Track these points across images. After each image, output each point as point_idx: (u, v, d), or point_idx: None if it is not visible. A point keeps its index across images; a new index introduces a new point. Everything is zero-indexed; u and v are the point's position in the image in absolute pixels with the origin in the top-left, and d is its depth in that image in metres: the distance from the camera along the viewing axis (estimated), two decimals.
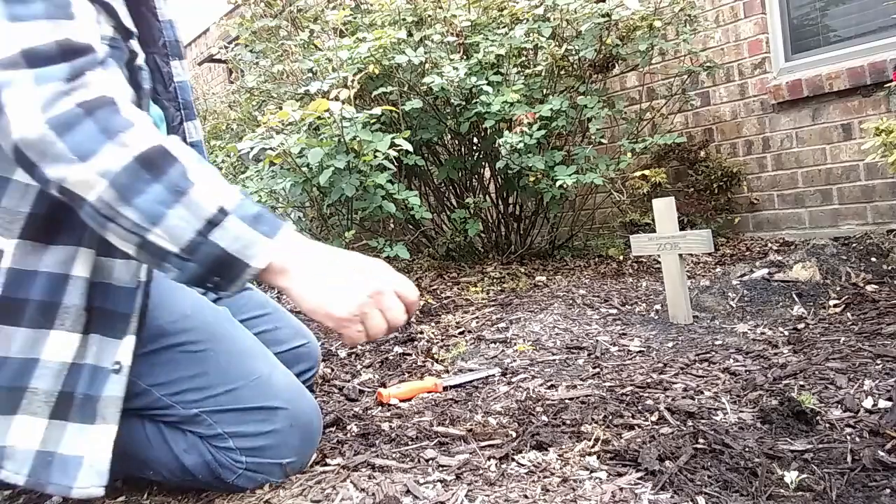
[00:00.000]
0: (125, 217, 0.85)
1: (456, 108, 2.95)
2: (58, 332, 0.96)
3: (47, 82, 0.83)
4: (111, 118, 0.85)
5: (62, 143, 0.83)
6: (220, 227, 0.87)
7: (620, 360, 1.62)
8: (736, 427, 1.12)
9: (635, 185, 3.00)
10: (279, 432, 1.05)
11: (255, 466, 1.04)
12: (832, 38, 3.26)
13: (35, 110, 0.83)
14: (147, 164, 0.85)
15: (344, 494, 0.97)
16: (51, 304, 0.95)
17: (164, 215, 0.85)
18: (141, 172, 0.85)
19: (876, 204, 3.07)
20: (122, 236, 0.87)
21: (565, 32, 2.98)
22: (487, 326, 2.11)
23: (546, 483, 0.95)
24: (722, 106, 3.58)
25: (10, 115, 0.82)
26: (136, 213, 0.84)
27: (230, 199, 0.89)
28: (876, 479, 0.91)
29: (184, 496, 1.09)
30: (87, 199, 0.84)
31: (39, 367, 0.95)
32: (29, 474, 0.94)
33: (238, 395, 1.05)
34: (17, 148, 0.83)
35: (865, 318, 1.74)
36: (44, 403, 0.95)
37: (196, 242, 0.86)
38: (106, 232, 0.88)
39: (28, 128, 0.82)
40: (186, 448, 1.03)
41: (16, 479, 0.94)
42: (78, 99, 0.84)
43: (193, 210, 0.86)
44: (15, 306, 0.93)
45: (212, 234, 0.86)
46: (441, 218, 3.45)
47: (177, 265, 0.87)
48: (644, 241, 2.02)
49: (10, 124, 0.83)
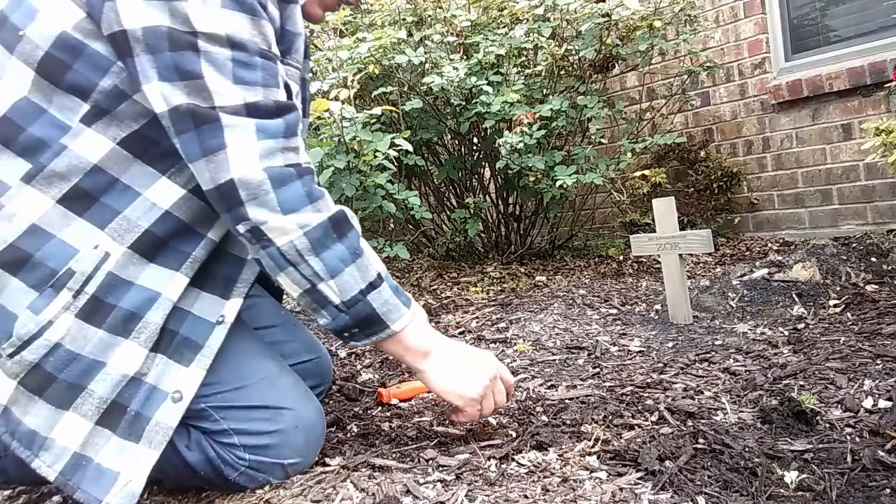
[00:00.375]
0: (309, 265, 0.99)
1: (456, 108, 2.94)
2: (131, 343, 0.99)
3: (267, 136, 0.97)
4: (312, 186, 1.01)
5: (273, 194, 0.97)
6: (377, 291, 1.03)
7: (620, 360, 1.62)
8: (736, 427, 1.12)
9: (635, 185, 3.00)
10: (284, 432, 1.06)
11: (257, 465, 1.04)
12: (832, 38, 3.26)
13: (256, 157, 0.96)
14: (335, 226, 1.01)
15: (344, 494, 0.98)
16: (133, 316, 0.99)
17: (342, 272, 1.01)
18: (330, 232, 1.00)
19: (876, 204, 3.07)
20: (295, 280, 1.01)
21: (565, 32, 2.98)
22: (487, 326, 2.11)
23: (546, 483, 0.95)
24: (722, 106, 3.58)
25: (231, 155, 0.95)
26: (320, 264, 0.99)
27: (383, 268, 1.07)
28: (876, 479, 0.91)
29: (184, 496, 1.09)
30: (276, 243, 0.98)
31: (103, 372, 0.97)
32: (61, 472, 0.96)
33: (245, 392, 1.06)
34: (231, 183, 0.95)
35: (865, 318, 1.74)
36: (95, 408, 0.97)
37: (356, 299, 1.02)
38: (279, 273, 1.01)
39: (249, 171, 0.95)
40: (189, 444, 1.04)
41: (47, 472, 0.96)
42: (290, 160, 0.99)
43: (362, 272, 1.02)
44: (102, 309, 0.98)
45: (370, 294, 1.02)
46: (441, 218, 3.45)
47: (332, 314, 1.03)
48: (644, 241, 2.02)
49: (231, 163, 0.95)
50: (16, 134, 0.98)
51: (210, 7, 0.95)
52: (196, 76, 0.94)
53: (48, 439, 0.96)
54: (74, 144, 0.98)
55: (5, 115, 0.98)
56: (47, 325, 0.95)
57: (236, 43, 0.96)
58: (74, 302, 0.96)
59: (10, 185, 0.98)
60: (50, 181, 0.98)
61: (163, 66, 0.93)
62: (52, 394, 0.96)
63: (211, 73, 0.94)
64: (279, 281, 1.02)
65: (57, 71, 0.97)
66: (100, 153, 0.99)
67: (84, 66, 0.97)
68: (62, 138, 0.98)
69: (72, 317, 0.96)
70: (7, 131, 0.98)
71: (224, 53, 0.95)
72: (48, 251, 0.97)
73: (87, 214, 0.99)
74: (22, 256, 0.97)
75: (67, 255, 0.97)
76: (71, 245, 0.98)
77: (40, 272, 0.97)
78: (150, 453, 0.99)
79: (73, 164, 0.98)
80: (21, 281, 0.97)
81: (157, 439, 0.99)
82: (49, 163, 0.97)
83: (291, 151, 1.00)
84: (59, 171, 0.98)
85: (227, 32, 0.95)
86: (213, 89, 0.94)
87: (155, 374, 1.00)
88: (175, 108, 0.94)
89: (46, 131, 0.98)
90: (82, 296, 0.96)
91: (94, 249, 0.98)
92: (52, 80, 0.98)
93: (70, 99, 0.98)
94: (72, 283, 0.96)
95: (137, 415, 0.99)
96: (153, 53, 0.93)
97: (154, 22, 0.93)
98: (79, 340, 0.96)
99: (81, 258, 0.97)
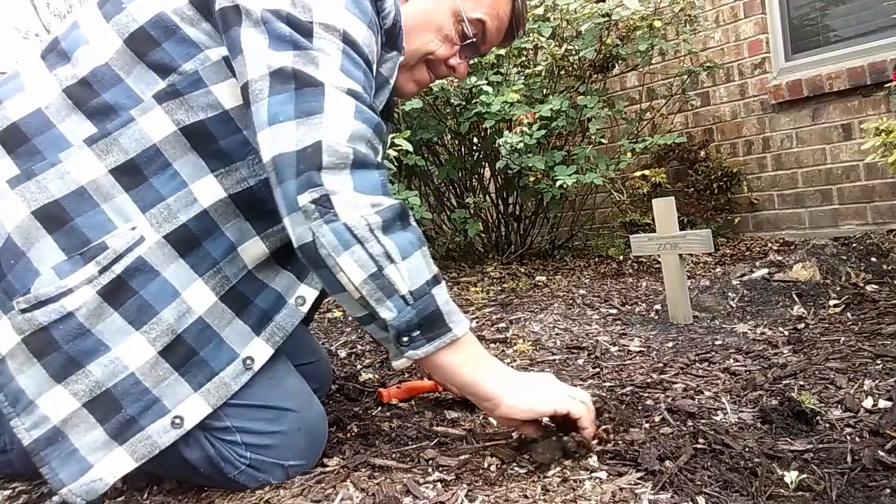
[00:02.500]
0: (379, 244, 0.92)
1: (456, 108, 2.95)
2: (140, 336, 0.98)
3: (363, 120, 0.95)
4: (386, 183, 0.97)
5: (352, 172, 0.92)
6: (440, 286, 0.96)
7: (620, 360, 1.62)
8: (736, 427, 1.12)
9: (635, 185, 3.00)
10: (286, 433, 1.06)
11: (257, 464, 1.04)
12: (832, 39, 3.26)
13: (349, 132, 0.93)
14: (403, 216, 0.96)
15: (344, 494, 0.97)
16: (149, 309, 0.99)
17: (412, 255, 0.94)
18: (399, 218, 0.95)
19: (876, 204, 3.07)
20: (360, 260, 0.91)
21: (565, 32, 2.98)
22: (487, 326, 2.11)
23: (546, 483, 0.95)
24: (722, 106, 3.58)
25: (326, 121, 0.92)
26: (392, 244, 0.92)
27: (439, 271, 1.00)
28: (876, 479, 0.91)
29: (184, 496, 1.09)
30: (341, 216, 0.90)
31: (105, 357, 0.97)
32: (35, 440, 0.96)
33: (250, 391, 1.06)
34: (318, 145, 0.91)
35: (865, 318, 1.74)
36: (88, 390, 0.97)
37: (423, 290, 0.93)
38: (341, 252, 0.91)
39: (340, 141, 0.92)
40: (187, 441, 1.03)
41: (23, 434, 0.96)
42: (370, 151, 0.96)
43: (427, 262, 0.96)
44: (123, 291, 0.98)
45: (435, 288, 0.95)
46: (441, 218, 3.45)
47: (397, 306, 0.93)
48: (644, 241, 2.02)
49: (325, 128, 0.91)
50: (90, 97, 1.01)
51: (334, 4, 0.98)
52: (307, 48, 0.95)
53: (33, 403, 0.96)
54: (142, 119, 1.00)
55: (84, 79, 1.01)
56: (66, 293, 0.95)
57: (350, 40, 0.98)
58: (99, 278, 0.96)
59: (73, 144, 1.00)
60: (109, 149, 1.00)
61: (275, 35, 0.94)
62: (50, 361, 0.96)
63: (322, 53, 0.95)
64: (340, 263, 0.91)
65: (145, 46, 1.01)
66: (161, 133, 1.00)
67: (172, 46, 1.00)
68: (132, 109, 1.00)
69: (93, 291, 0.96)
70: (82, 93, 1.01)
71: (337, 44, 0.97)
72: (88, 219, 0.98)
73: (133, 192, 1.00)
74: (62, 217, 0.98)
75: (105, 229, 0.98)
76: (111, 219, 0.99)
77: (75, 238, 0.98)
78: (128, 461, 0.98)
79: (135, 137, 1.00)
80: (55, 241, 0.98)
81: (141, 451, 0.98)
82: (114, 130, 1.00)
83: (373, 149, 0.97)
84: (120, 141, 1.00)
85: (344, 28, 0.98)
86: (321, 64, 0.95)
87: (161, 386, 0.99)
88: (279, 70, 0.93)
89: (119, 99, 1.01)
90: (108, 273, 0.97)
91: (132, 230, 0.99)
92: (139, 53, 1.01)
93: (149, 73, 1.01)
94: (101, 258, 0.97)
95: (131, 420, 0.98)
96: (267, 24, 0.95)
97: (275, 5, 0.96)
98: (92, 318, 0.96)
99: (117, 235, 0.98)
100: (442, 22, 1.19)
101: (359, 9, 1.00)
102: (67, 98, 1.02)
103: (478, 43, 1.23)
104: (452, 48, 1.22)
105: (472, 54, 1.26)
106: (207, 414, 1.01)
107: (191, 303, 1.01)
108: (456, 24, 1.20)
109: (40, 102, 1.02)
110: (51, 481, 0.96)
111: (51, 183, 0.99)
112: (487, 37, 1.24)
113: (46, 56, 1.06)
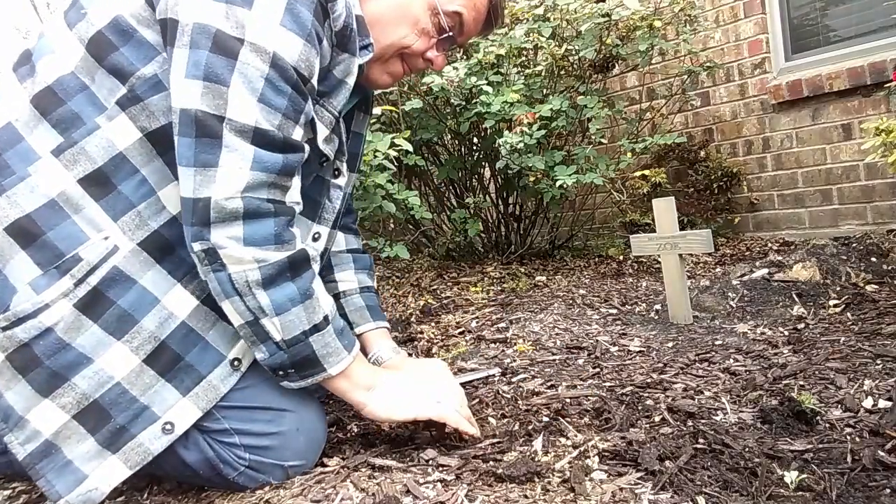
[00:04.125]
0: (255, 299, 0.97)
1: (456, 108, 2.94)
2: (122, 346, 0.98)
3: (261, 168, 0.96)
4: (285, 228, 0.99)
5: (242, 224, 0.95)
6: (320, 333, 1.02)
7: (620, 360, 1.62)
8: (736, 427, 1.12)
9: (635, 185, 3.00)
10: (285, 434, 1.06)
11: (257, 465, 1.04)
12: (832, 39, 3.26)
13: (241, 186, 0.94)
14: (292, 266, 0.99)
15: (344, 494, 0.97)
16: (129, 318, 0.99)
17: (288, 311, 0.99)
18: (286, 271, 0.99)
19: (876, 204, 3.07)
20: (238, 310, 0.98)
21: (565, 32, 2.97)
22: (487, 326, 2.11)
23: (546, 483, 0.95)
24: (722, 106, 3.58)
25: (219, 176, 0.94)
26: (268, 300, 0.98)
27: (331, 310, 1.05)
28: (876, 479, 0.91)
29: (184, 496, 1.09)
30: (228, 269, 0.96)
31: (89, 369, 0.97)
32: (30, 453, 0.96)
33: (248, 392, 1.06)
34: (207, 202, 0.94)
35: (865, 318, 1.74)
36: (75, 402, 0.97)
37: (297, 340, 1.00)
38: (223, 299, 0.98)
39: (231, 193, 0.94)
40: (186, 443, 1.03)
41: (17, 449, 0.97)
42: (274, 196, 0.98)
43: (308, 314, 1.00)
44: (101, 302, 0.98)
45: (312, 336, 1.01)
46: (441, 218, 3.45)
47: (270, 350, 1.01)
48: (644, 241, 2.02)
49: (217, 183, 0.93)
50: (55, 106, 1.00)
51: (268, 20, 0.95)
52: (221, 82, 0.93)
53: (23, 419, 0.96)
54: (107, 127, 0.99)
55: (49, 87, 1.01)
56: (43, 308, 0.96)
57: (278, 64, 0.96)
58: (75, 290, 0.96)
59: (41, 157, 1.00)
60: (76, 159, 0.99)
61: (194, 63, 0.93)
62: (34, 377, 0.96)
63: (238, 84, 0.94)
64: (223, 307, 1.00)
65: (103, 50, 1.00)
66: (127, 141, 1.00)
67: (130, 51, 0.99)
68: (97, 116, 1.00)
69: (69, 305, 0.96)
70: (48, 103, 1.01)
71: (261, 69, 0.95)
72: (60, 232, 0.98)
73: (103, 201, 1.00)
74: (35, 231, 0.98)
75: (78, 241, 0.98)
76: (83, 230, 0.99)
77: (48, 252, 0.98)
78: (123, 469, 0.99)
79: (102, 145, 0.99)
80: (28, 255, 0.98)
81: (134, 459, 0.99)
82: (80, 139, 0.99)
83: (279, 189, 0.98)
84: (87, 150, 0.99)
85: (275, 49, 0.95)
86: (230, 100, 0.94)
87: (149, 394, 0.99)
88: (184, 112, 0.94)
89: (83, 107, 1.00)
90: (83, 285, 0.97)
91: (105, 240, 0.98)
92: (98, 58, 1.00)
93: (110, 80, 1.00)
94: (76, 271, 0.97)
95: (122, 429, 0.98)
96: (192, 48, 0.93)
97: (207, 20, 0.93)
98: (72, 331, 0.96)
99: (90, 246, 0.98)
100: (418, 15, 1.15)
101: (296, 23, 0.97)
102: (34, 109, 1.01)
103: (455, 35, 1.20)
104: (429, 41, 1.18)
105: (449, 46, 1.23)
106: (199, 417, 1.02)
107: (172, 308, 1.01)
108: (432, 18, 1.16)
109: (10, 116, 1.02)
110: (48, 493, 0.96)
111: (21, 197, 0.98)
112: (465, 28, 1.20)
113: (17, 69, 1.05)
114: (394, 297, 2.74)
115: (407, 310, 2.49)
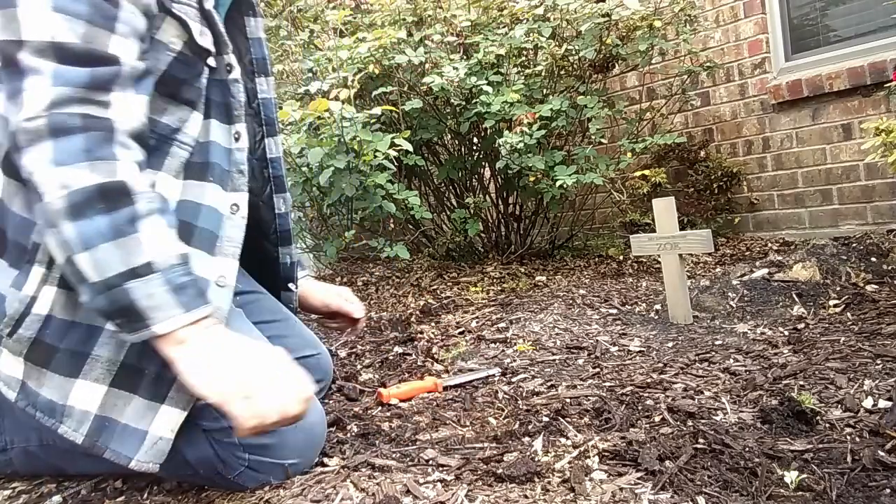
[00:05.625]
0: (62, 231, 0.88)
1: (456, 108, 2.95)
2: None
3: (64, 83, 0.88)
4: (101, 144, 0.90)
5: (49, 143, 0.87)
6: (141, 280, 0.90)
7: (620, 360, 1.62)
8: (736, 427, 1.12)
9: (635, 185, 3.00)
10: (284, 433, 1.05)
11: (257, 465, 1.04)
12: (832, 38, 3.26)
13: (44, 104, 0.87)
14: (104, 196, 0.89)
15: (344, 494, 0.97)
16: None
17: (96, 247, 0.88)
18: (95, 201, 0.89)
19: (876, 204, 3.07)
20: (56, 244, 0.90)
21: (565, 32, 2.98)
22: (487, 326, 2.11)
23: (546, 483, 0.95)
24: (722, 106, 3.58)
25: (25, 99, 0.88)
26: (74, 233, 0.88)
27: (164, 260, 0.91)
28: (876, 479, 0.91)
29: (184, 496, 1.09)
30: (43, 198, 0.88)
31: (103, 336, 0.98)
32: (87, 434, 0.98)
33: None
34: (16, 130, 0.88)
35: (865, 318, 1.74)
36: (106, 371, 0.98)
37: (112, 283, 0.89)
38: (46, 233, 0.91)
39: (30, 115, 0.87)
40: (188, 442, 1.03)
41: (74, 436, 0.98)
42: (83, 110, 0.89)
43: (123, 254, 0.89)
44: None
45: (129, 283, 0.89)
46: (441, 218, 3.45)
47: (87, 293, 0.90)
48: (644, 241, 2.02)
49: (21, 110, 0.88)
50: None
51: None
52: (10, 4, 0.88)
53: (67, 406, 0.98)
54: None
55: None
56: (32, 301, 0.97)
57: None
58: (50, 273, 0.97)
59: None
60: None
61: None
62: (58, 364, 0.97)
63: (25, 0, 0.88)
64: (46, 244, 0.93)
65: None
66: None
67: None
68: None
69: (54, 287, 0.97)
70: None
71: None
72: (11, 225, 0.99)
73: None
74: None
75: (27, 228, 0.99)
76: (24, 216, 0.99)
77: (14, 249, 0.99)
78: (177, 413, 1.00)
79: None
80: (4, 260, 1.00)
81: (183, 400, 1.00)
82: None
83: (93, 104, 0.90)
84: None
85: None
86: (22, 19, 0.88)
87: None
88: None
89: None
90: (56, 267, 0.97)
91: None
92: None
93: None
94: (40, 256, 0.98)
95: (159, 376, 0.99)
96: None
97: None
98: (68, 308, 0.97)
99: (38, 229, 0.98)
100: None
101: None
102: None
103: None
104: None
105: None
106: None
107: None
108: None
109: None
110: (119, 461, 0.98)
111: None
112: None
113: None
114: (394, 296, 2.75)
115: (407, 310, 2.49)
